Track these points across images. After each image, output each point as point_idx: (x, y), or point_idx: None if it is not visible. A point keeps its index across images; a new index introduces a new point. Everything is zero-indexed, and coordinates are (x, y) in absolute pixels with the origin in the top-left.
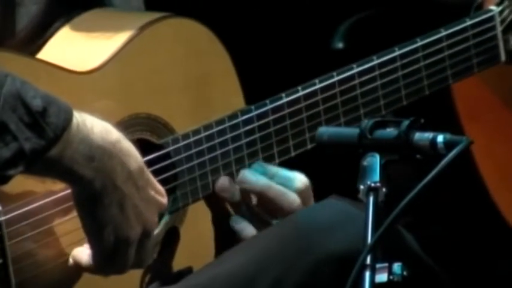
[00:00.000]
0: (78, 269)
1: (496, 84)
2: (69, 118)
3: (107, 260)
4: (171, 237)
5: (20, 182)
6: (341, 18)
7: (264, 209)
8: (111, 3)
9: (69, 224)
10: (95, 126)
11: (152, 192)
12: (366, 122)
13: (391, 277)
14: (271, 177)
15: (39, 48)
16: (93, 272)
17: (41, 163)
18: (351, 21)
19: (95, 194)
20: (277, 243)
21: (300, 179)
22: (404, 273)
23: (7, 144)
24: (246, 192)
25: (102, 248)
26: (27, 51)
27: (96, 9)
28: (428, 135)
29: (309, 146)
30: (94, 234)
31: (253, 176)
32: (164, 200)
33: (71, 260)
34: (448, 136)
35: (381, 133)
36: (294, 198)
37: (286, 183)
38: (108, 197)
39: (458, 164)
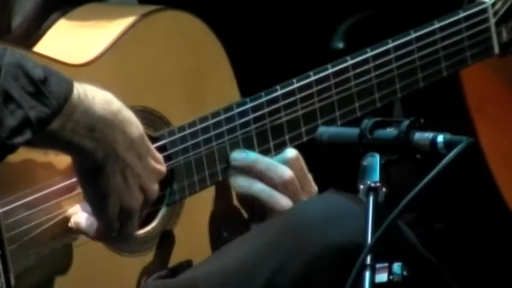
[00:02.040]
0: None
1: (504, 76)
2: (70, 88)
3: (112, 229)
4: (165, 240)
5: (18, 173)
6: (341, 18)
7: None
8: None
9: (69, 215)
10: (96, 96)
11: (152, 161)
12: (366, 122)
13: (391, 277)
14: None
15: (35, 42)
16: (98, 240)
17: (43, 135)
18: (351, 21)
19: (97, 164)
20: (275, 235)
21: (289, 150)
22: (405, 273)
23: (12, 112)
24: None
25: (107, 217)
26: (23, 45)
27: (92, 3)
28: (428, 135)
29: (305, 139)
30: (98, 204)
31: (243, 153)
32: (163, 168)
33: (73, 224)
34: (448, 136)
35: (381, 133)
36: (284, 169)
37: (276, 158)
38: (110, 167)
39: (466, 156)
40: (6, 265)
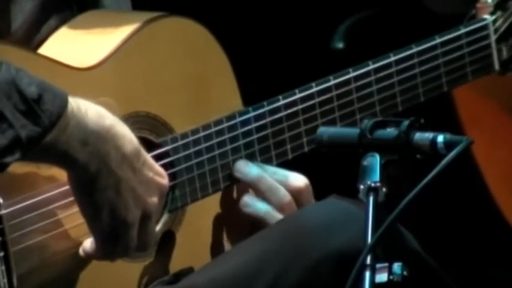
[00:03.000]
0: (87, 256)
1: (496, 89)
2: (64, 105)
3: (108, 243)
4: (166, 240)
5: (23, 176)
6: (341, 18)
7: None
8: (102, 3)
9: (73, 217)
10: (89, 110)
11: (151, 174)
12: (366, 122)
13: (391, 277)
14: (270, 175)
15: (38, 45)
16: (97, 259)
17: (36, 149)
18: (351, 21)
19: (90, 178)
20: (277, 241)
21: (295, 177)
22: (405, 273)
23: (3, 132)
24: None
25: (100, 231)
26: (26, 47)
27: (94, 10)
28: (429, 135)
29: (306, 149)
30: (91, 217)
31: (246, 166)
32: (164, 181)
33: (80, 251)
34: (448, 136)
35: (381, 133)
36: (284, 194)
37: (281, 179)
38: (103, 181)
39: (461, 167)
40: (9, 266)
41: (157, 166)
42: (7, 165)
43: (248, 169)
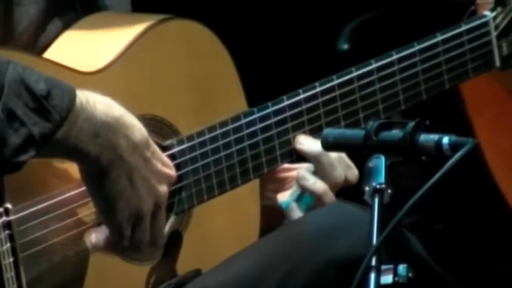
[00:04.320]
0: (96, 250)
1: (502, 77)
2: (72, 99)
3: (123, 235)
4: (174, 241)
5: (30, 180)
6: (346, 19)
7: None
8: (105, 4)
9: (81, 221)
10: (97, 102)
11: (159, 165)
12: (371, 124)
13: (396, 278)
14: None
15: (43, 49)
16: (110, 252)
17: (48, 145)
18: (356, 22)
19: (102, 169)
20: (283, 245)
21: (353, 169)
22: (410, 274)
23: (16, 130)
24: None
25: (116, 223)
26: (32, 51)
27: (99, 13)
28: (434, 136)
29: None
30: (106, 210)
31: (310, 140)
32: (172, 171)
33: (89, 244)
34: (454, 138)
35: (386, 134)
36: (341, 173)
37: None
38: (115, 171)
39: (467, 159)
40: (18, 272)
41: (164, 157)
42: (23, 164)
43: (313, 142)
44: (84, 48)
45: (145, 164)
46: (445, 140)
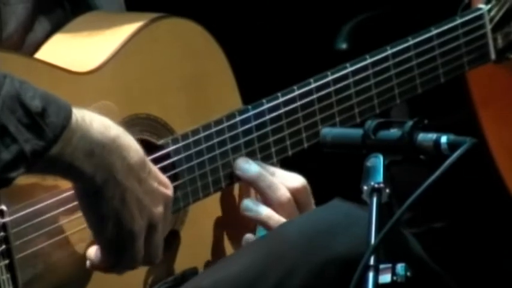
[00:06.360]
0: (93, 268)
1: (508, 68)
2: (68, 116)
3: (114, 255)
4: (171, 240)
5: (26, 183)
6: (345, 18)
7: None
8: (95, 2)
9: (76, 222)
10: (94, 121)
11: (155, 184)
12: (370, 123)
13: (394, 278)
14: (270, 175)
15: (33, 50)
16: (104, 270)
17: (41, 162)
18: (354, 21)
19: (96, 188)
20: (280, 245)
21: (293, 177)
22: (408, 274)
23: (7, 146)
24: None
25: (106, 242)
26: (22, 52)
27: (91, 12)
28: (432, 136)
29: (306, 145)
30: (97, 229)
31: (246, 164)
32: (169, 191)
33: (88, 262)
34: (452, 137)
35: (384, 134)
36: (283, 192)
37: (280, 180)
38: (109, 191)
39: (472, 152)
40: (14, 273)
41: (162, 176)
42: (12, 180)
43: (248, 166)
44: (77, 49)
45: (140, 186)
46: (443, 139)
